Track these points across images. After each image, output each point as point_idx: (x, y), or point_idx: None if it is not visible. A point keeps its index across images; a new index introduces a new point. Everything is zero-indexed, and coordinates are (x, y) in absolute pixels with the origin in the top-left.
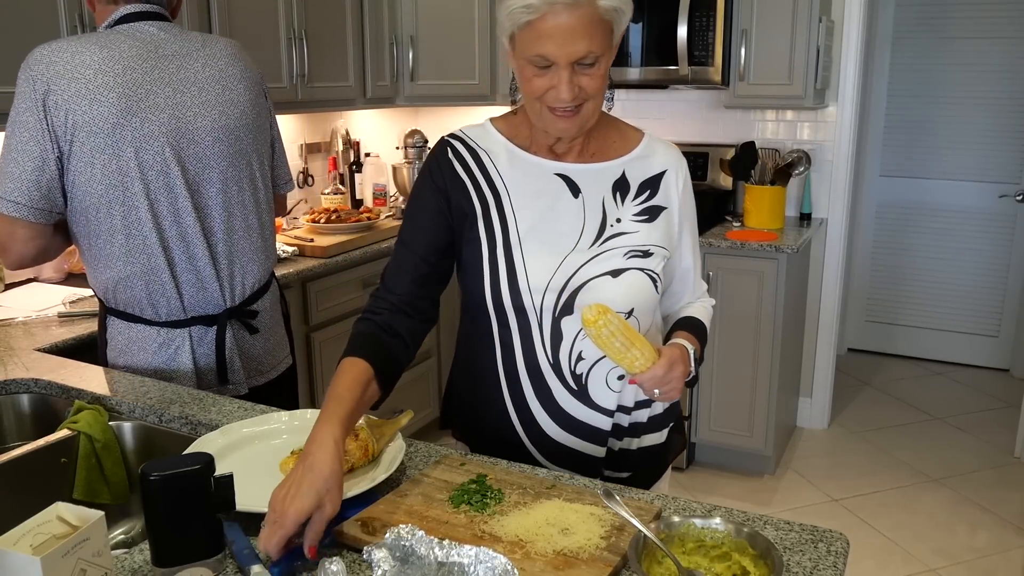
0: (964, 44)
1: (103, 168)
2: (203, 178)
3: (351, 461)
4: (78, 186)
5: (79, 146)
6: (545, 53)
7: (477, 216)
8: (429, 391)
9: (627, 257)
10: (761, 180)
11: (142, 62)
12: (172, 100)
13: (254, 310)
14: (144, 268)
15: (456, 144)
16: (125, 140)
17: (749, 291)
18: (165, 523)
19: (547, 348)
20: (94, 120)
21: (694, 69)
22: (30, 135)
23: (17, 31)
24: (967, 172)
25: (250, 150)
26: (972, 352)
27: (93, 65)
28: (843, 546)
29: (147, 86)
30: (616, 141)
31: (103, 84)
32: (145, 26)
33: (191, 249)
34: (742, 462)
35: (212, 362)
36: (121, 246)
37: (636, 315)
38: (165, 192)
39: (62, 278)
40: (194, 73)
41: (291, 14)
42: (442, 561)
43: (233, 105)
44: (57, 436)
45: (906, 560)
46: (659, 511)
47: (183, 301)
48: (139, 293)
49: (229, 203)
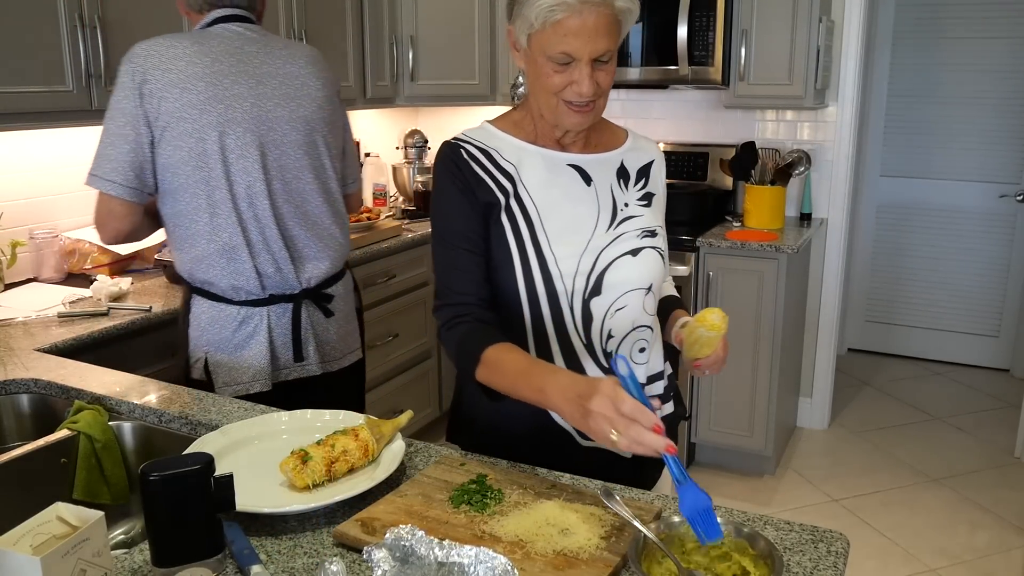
0: (964, 44)
1: (189, 151)
2: (279, 164)
3: (351, 461)
4: (167, 168)
5: (169, 131)
6: (569, 50)
7: (501, 209)
8: (429, 391)
9: (641, 237)
10: (761, 180)
11: (228, 56)
12: (254, 91)
13: (329, 294)
14: (224, 247)
15: (465, 145)
16: (210, 125)
17: (749, 291)
18: (165, 523)
19: (580, 330)
20: (183, 107)
21: (694, 69)
22: (126, 120)
23: (17, 31)
24: (967, 172)
25: (322, 143)
26: (972, 352)
27: (185, 58)
28: (843, 546)
29: (232, 77)
30: (608, 135)
31: (193, 74)
32: (233, 26)
33: (266, 231)
34: (742, 462)
35: (288, 341)
36: (204, 226)
37: (653, 290)
38: (243, 175)
39: (62, 278)
40: (275, 68)
41: (291, 14)
42: (442, 561)
43: (309, 100)
44: (57, 436)
45: (906, 560)
46: (659, 511)
47: (261, 281)
48: (220, 272)
49: (303, 190)
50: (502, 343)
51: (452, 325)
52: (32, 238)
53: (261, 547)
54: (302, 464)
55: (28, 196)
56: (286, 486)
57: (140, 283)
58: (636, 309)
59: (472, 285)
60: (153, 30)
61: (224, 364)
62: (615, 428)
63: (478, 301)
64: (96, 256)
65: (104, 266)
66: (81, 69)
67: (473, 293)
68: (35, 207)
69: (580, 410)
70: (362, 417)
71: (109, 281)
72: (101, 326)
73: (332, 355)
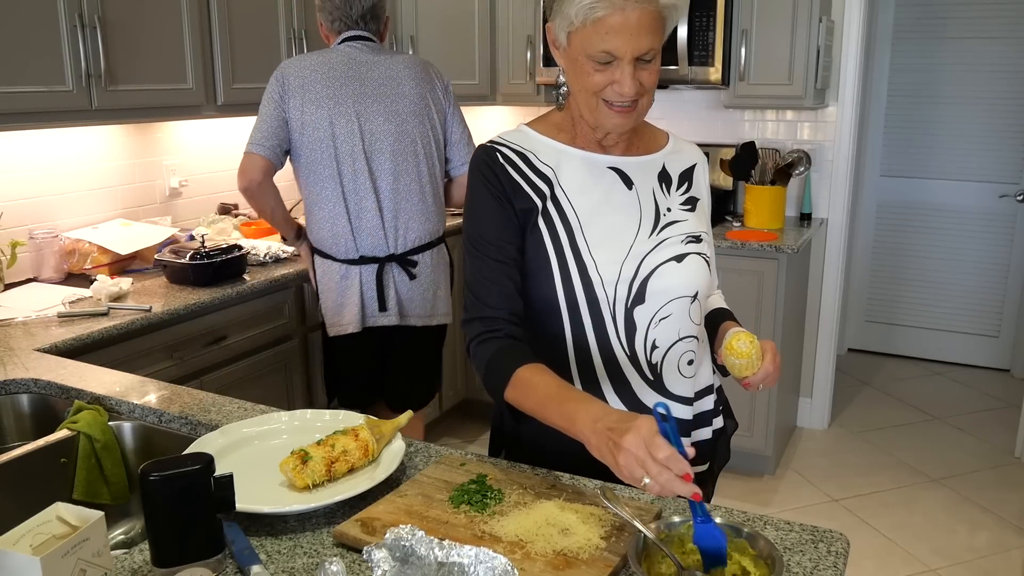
0: (964, 44)
1: (311, 135)
2: (376, 149)
3: (351, 461)
4: (298, 147)
5: (299, 121)
6: (611, 49)
7: (538, 214)
8: None
9: (685, 243)
10: (761, 180)
11: (343, 66)
12: (358, 91)
13: (414, 260)
14: (330, 215)
15: (502, 149)
16: (324, 117)
17: (749, 291)
18: (165, 523)
19: (623, 340)
20: (308, 101)
21: (694, 69)
22: (271, 108)
23: (17, 31)
24: (967, 172)
25: (415, 132)
26: (972, 352)
27: (312, 67)
28: (843, 546)
29: (342, 80)
30: (650, 137)
31: (314, 79)
32: (356, 44)
33: (362, 203)
34: (742, 462)
35: (375, 294)
36: (318, 197)
37: (699, 298)
38: (348, 157)
39: (62, 278)
40: (377, 73)
41: (291, 14)
42: (442, 561)
43: (402, 97)
44: (57, 436)
45: (906, 560)
46: (659, 511)
47: (356, 243)
48: (327, 235)
49: (396, 171)
50: (534, 364)
51: (482, 340)
52: (32, 238)
53: (261, 547)
54: (302, 464)
55: (28, 196)
56: (286, 486)
57: (140, 283)
58: (682, 318)
59: (503, 299)
60: (153, 30)
61: (330, 308)
62: (647, 471)
63: (509, 315)
64: (96, 256)
65: (104, 266)
66: (81, 69)
67: (504, 307)
68: (35, 207)
69: (610, 444)
70: (362, 417)
71: (109, 281)
72: (101, 326)
73: (411, 312)
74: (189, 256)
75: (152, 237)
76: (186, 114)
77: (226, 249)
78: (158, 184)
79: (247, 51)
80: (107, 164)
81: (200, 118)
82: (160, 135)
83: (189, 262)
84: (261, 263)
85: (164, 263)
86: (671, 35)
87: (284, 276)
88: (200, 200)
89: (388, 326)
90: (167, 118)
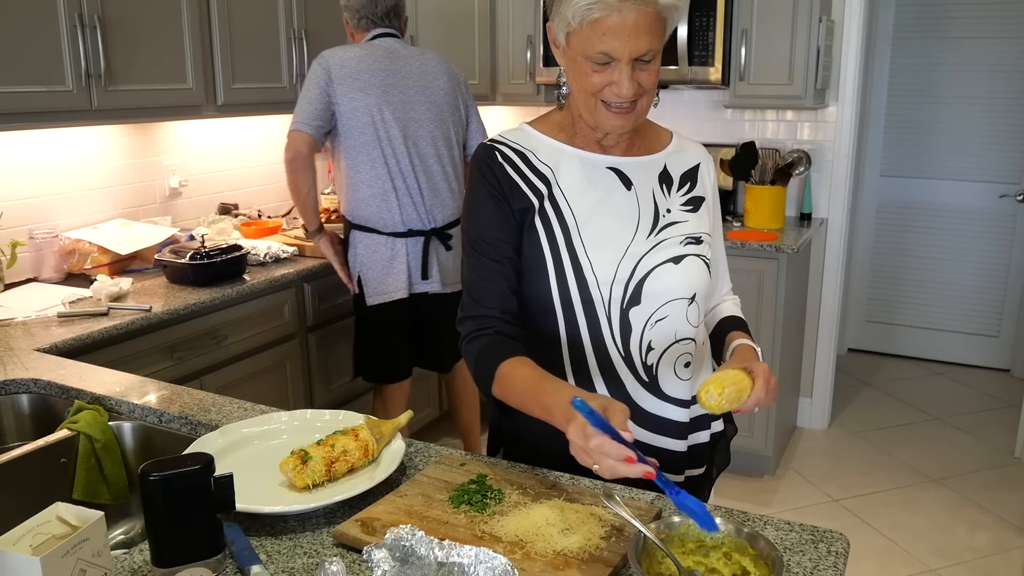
0: (964, 44)
1: (360, 120)
2: (414, 133)
3: (351, 461)
4: (346, 131)
5: (347, 105)
6: (608, 50)
7: (535, 213)
8: (429, 391)
9: (684, 244)
10: (761, 180)
11: (384, 59)
12: (400, 83)
13: (449, 234)
14: (378, 193)
15: (501, 148)
16: (371, 104)
17: (749, 291)
18: (165, 523)
19: (617, 341)
20: (356, 89)
21: (694, 69)
22: (316, 92)
23: (17, 31)
24: (967, 172)
25: (448, 120)
26: (972, 352)
27: (355, 58)
28: (843, 546)
29: (386, 72)
30: (652, 137)
31: (358, 69)
32: (387, 40)
33: (406, 182)
34: (742, 462)
35: (419, 264)
36: (365, 176)
37: (697, 300)
38: (389, 140)
39: (62, 278)
40: (414, 67)
41: (291, 14)
42: (442, 561)
43: (437, 89)
44: (57, 436)
45: (906, 560)
46: (659, 511)
47: (402, 219)
48: (373, 211)
49: (431, 154)
50: (517, 357)
51: (472, 338)
52: (32, 238)
53: (261, 547)
54: (302, 464)
55: (28, 196)
56: (286, 486)
57: (140, 283)
58: (678, 320)
59: (497, 298)
60: (153, 30)
61: (374, 279)
62: (591, 458)
63: (500, 314)
64: (96, 256)
65: (104, 266)
66: (81, 69)
67: (497, 306)
68: (35, 207)
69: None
70: (362, 417)
71: (109, 281)
72: (101, 326)
73: (449, 280)
74: (189, 256)
75: (152, 237)
76: (186, 114)
77: (226, 249)
78: (158, 184)
79: (247, 51)
80: (107, 164)
81: (200, 118)
82: (160, 135)
83: (189, 262)
84: (261, 263)
85: (164, 263)
86: (671, 35)
87: (284, 276)
88: (200, 200)
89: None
90: (167, 118)
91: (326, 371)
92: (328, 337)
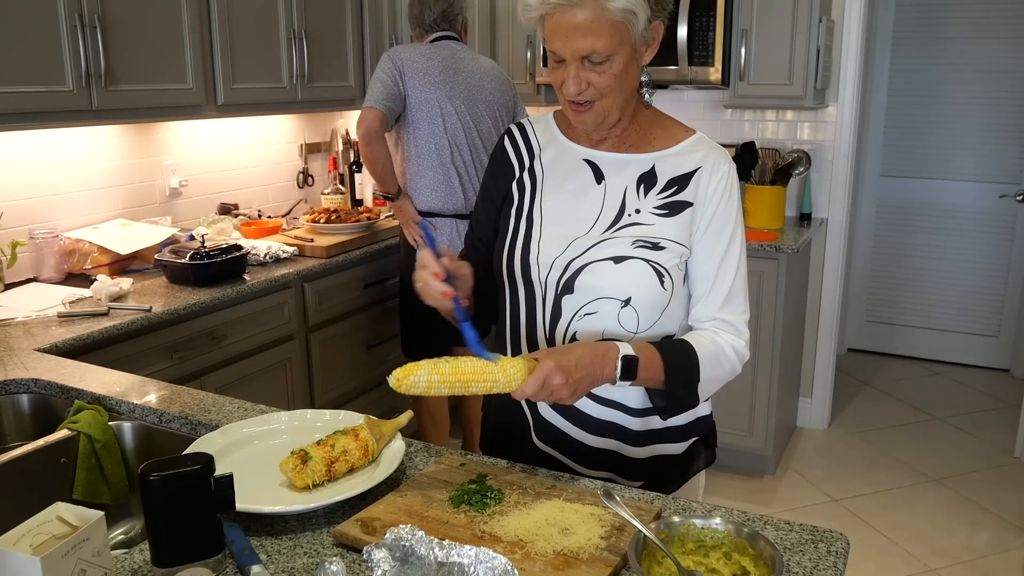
0: (964, 44)
1: (428, 112)
2: (475, 126)
3: (351, 461)
4: (414, 122)
5: (417, 98)
6: (554, 49)
7: (513, 192)
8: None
9: (634, 246)
10: (761, 180)
11: (451, 59)
12: (462, 81)
13: None
14: (442, 179)
15: (515, 130)
16: (437, 98)
17: (749, 291)
18: (165, 523)
19: (547, 323)
20: (426, 84)
21: (694, 69)
22: (388, 80)
23: (17, 31)
24: (967, 172)
25: (498, 113)
26: (972, 352)
27: (425, 56)
28: (843, 546)
29: (451, 71)
30: (657, 137)
31: (427, 65)
32: (449, 42)
33: (468, 170)
34: (742, 462)
35: None
36: (432, 162)
37: (633, 304)
38: (453, 132)
39: (62, 278)
40: (474, 67)
41: (291, 14)
42: (442, 561)
43: (492, 89)
44: (57, 436)
45: (906, 560)
46: (659, 511)
47: (465, 202)
48: (439, 196)
49: (486, 141)
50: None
51: None
52: (32, 238)
53: (261, 547)
54: (302, 464)
55: (28, 196)
56: (286, 486)
57: (140, 283)
58: (608, 319)
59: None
60: (153, 30)
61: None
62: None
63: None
64: (96, 256)
65: (104, 266)
66: (81, 69)
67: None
68: (35, 207)
69: None
70: (362, 417)
71: (109, 281)
72: (101, 326)
73: None
74: (189, 256)
75: (152, 237)
76: (186, 114)
77: (226, 249)
78: (158, 184)
79: (247, 51)
80: (107, 164)
81: (200, 118)
82: (160, 135)
83: (189, 262)
84: (261, 263)
85: (164, 263)
86: (671, 35)
87: (284, 276)
88: (200, 200)
89: None
90: (167, 118)
91: (326, 371)
92: (328, 337)
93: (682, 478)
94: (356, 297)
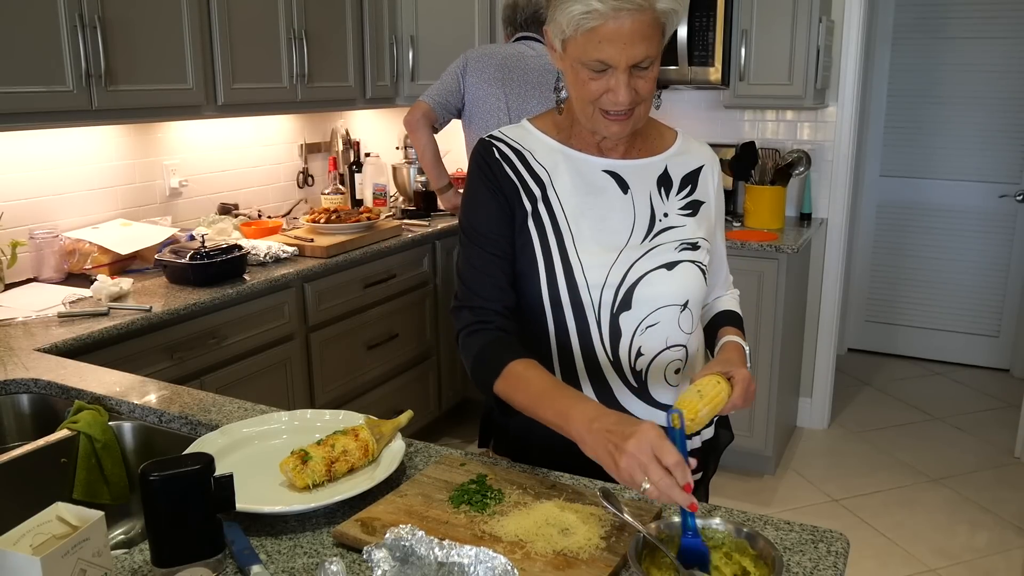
0: (964, 44)
1: (484, 106)
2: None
3: (351, 461)
4: (473, 115)
5: (474, 93)
6: (605, 58)
7: (528, 215)
8: (429, 391)
9: (679, 250)
10: (761, 180)
11: (514, 59)
12: (519, 78)
13: None
14: None
15: (499, 144)
16: (499, 93)
17: (749, 291)
18: (165, 523)
19: (606, 346)
20: (483, 80)
21: (694, 69)
22: (452, 78)
23: (17, 31)
24: (967, 172)
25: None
26: (972, 352)
27: (489, 55)
28: (843, 546)
29: (507, 69)
30: (655, 138)
31: (489, 64)
32: (524, 43)
33: None
34: (742, 462)
35: None
36: None
37: (690, 307)
38: (503, 124)
39: (62, 278)
40: (536, 66)
41: (291, 14)
42: (442, 561)
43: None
44: (57, 436)
45: (906, 560)
46: (659, 511)
47: None
48: None
49: None
50: (527, 359)
51: (472, 331)
52: (32, 238)
53: (261, 547)
54: (302, 464)
55: (28, 196)
56: (286, 486)
57: (140, 283)
58: (669, 327)
59: (495, 291)
60: (153, 30)
61: None
62: (649, 475)
63: (502, 309)
64: (96, 256)
65: (104, 266)
66: (81, 69)
67: (496, 299)
68: (35, 207)
69: (609, 446)
70: (362, 417)
71: (109, 281)
72: (101, 326)
73: None
74: (189, 256)
75: (152, 237)
76: (186, 114)
77: (226, 249)
78: (158, 184)
79: (247, 51)
80: (107, 164)
81: (200, 118)
82: (160, 135)
83: (189, 262)
84: (261, 263)
85: (164, 263)
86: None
87: (284, 276)
88: (200, 200)
89: None
90: (167, 118)
91: (326, 371)
92: (328, 337)
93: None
94: (356, 297)
